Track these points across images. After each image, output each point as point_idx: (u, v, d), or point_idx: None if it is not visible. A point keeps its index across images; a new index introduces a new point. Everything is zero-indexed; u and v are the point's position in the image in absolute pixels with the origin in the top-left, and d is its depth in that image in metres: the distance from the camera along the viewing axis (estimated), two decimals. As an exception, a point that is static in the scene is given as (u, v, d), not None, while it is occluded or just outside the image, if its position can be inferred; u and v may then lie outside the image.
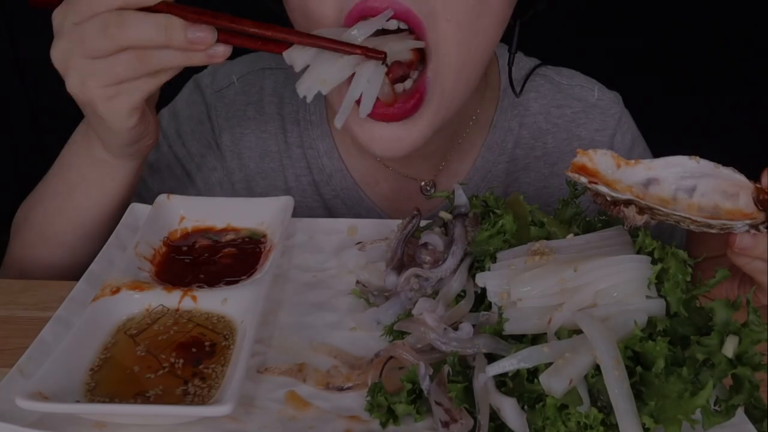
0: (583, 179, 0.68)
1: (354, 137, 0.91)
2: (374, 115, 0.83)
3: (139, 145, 0.87)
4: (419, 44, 0.83)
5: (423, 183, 1.11)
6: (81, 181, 0.92)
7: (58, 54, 0.77)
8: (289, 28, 0.84)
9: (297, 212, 0.87)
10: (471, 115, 1.09)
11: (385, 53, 0.78)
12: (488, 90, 1.11)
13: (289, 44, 0.77)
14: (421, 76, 0.85)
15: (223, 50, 0.75)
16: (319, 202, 1.13)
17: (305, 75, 0.78)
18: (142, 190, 1.10)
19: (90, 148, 0.89)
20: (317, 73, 0.78)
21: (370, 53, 0.77)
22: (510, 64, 1.05)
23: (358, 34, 0.78)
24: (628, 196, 0.66)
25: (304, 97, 0.79)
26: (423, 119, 0.87)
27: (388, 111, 0.84)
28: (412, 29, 0.81)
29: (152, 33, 0.73)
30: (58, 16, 0.77)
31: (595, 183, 0.67)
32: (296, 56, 0.77)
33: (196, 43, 0.73)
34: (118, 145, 0.86)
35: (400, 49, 0.82)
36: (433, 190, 1.10)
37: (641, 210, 0.66)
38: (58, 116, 0.81)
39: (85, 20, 0.74)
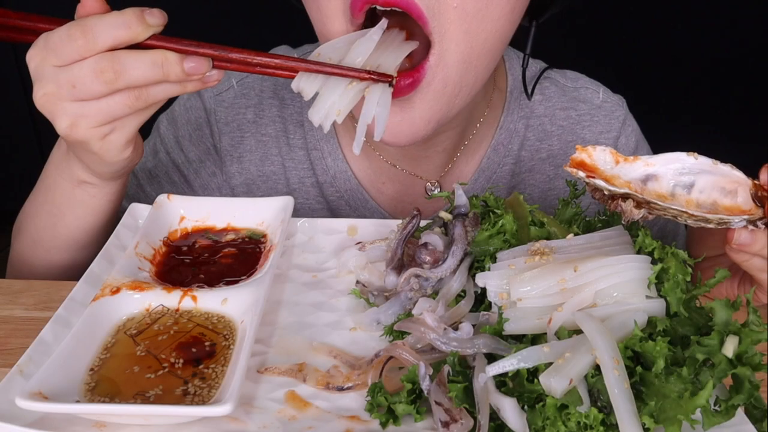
0: (581, 174, 0.67)
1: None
2: None
3: (128, 167, 0.86)
4: (413, 45, 0.83)
5: (428, 184, 1.11)
6: (67, 201, 0.91)
7: (42, 99, 0.74)
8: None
9: (300, 214, 0.86)
10: (479, 116, 1.09)
11: (392, 76, 0.79)
12: (495, 91, 1.11)
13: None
14: (422, 61, 0.84)
15: (217, 74, 0.75)
16: (322, 204, 1.13)
17: (317, 104, 0.79)
18: (140, 197, 1.10)
19: (73, 172, 0.88)
20: (330, 102, 0.78)
21: (377, 77, 0.78)
22: (524, 65, 1.04)
23: (363, 52, 0.79)
24: (625, 190, 0.66)
25: (313, 108, 0.79)
26: (423, 103, 0.86)
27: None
28: (415, 19, 0.81)
29: (149, 73, 0.71)
30: (34, 59, 0.73)
31: (593, 177, 0.67)
32: (305, 85, 0.78)
33: (192, 74, 0.73)
34: (108, 172, 0.86)
35: (399, 59, 0.82)
36: (437, 191, 1.10)
37: (639, 204, 0.66)
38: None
39: (69, 63, 0.71)
